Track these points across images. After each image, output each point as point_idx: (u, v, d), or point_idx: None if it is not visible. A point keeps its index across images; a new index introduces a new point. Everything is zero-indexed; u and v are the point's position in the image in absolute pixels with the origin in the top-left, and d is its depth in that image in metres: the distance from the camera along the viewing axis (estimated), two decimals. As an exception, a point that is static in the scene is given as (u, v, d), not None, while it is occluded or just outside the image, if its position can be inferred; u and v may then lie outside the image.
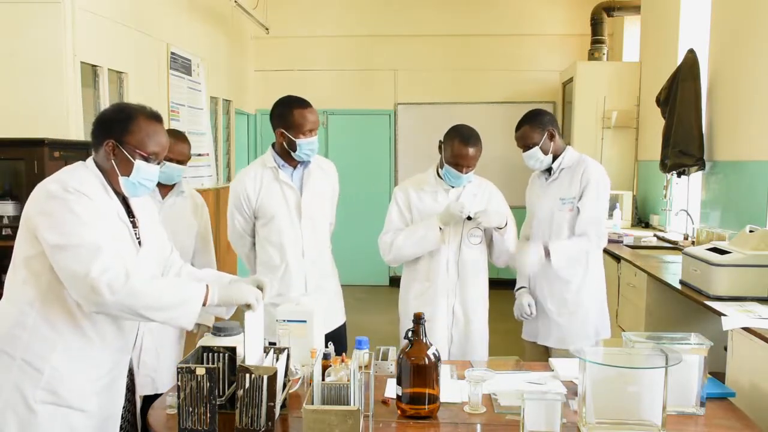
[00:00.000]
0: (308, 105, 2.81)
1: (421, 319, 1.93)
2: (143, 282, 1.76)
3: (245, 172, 2.87)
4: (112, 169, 1.88)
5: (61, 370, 1.81)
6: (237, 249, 3.01)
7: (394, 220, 2.84)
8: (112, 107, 1.95)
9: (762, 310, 2.69)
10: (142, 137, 1.87)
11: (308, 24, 7.67)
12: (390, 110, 7.76)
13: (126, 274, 1.73)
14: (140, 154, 1.87)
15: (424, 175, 2.90)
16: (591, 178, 2.79)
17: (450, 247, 2.78)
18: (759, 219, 3.78)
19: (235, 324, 2.13)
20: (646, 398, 1.74)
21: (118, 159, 1.87)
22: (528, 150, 2.85)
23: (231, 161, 7.17)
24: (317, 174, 2.89)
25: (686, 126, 4.64)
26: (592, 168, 2.82)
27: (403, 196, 2.86)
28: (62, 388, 1.82)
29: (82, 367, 1.85)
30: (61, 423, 1.82)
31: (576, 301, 2.85)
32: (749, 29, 4.09)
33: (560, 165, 2.87)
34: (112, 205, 1.88)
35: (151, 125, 1.90)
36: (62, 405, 1.82)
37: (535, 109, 2.96)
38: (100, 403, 1.90)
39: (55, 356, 1.80)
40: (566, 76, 6.85)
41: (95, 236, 1.74)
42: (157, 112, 1.95)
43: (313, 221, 2.84)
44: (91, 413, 1.88)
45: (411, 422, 1.87)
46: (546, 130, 2.82)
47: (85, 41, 4.05)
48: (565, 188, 2.85)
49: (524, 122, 2.87)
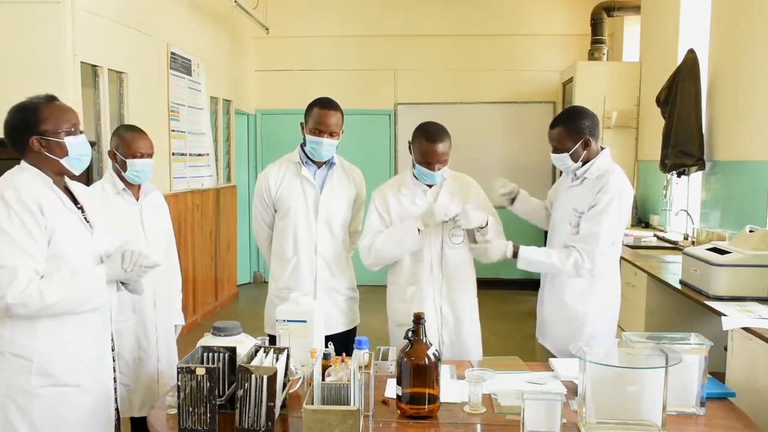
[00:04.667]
0: (328, 107, 2.79)
1: (421, 319, 1.93)
2: (53, 294, 1.88)
3: (272, 164, 2.94)
4: (48, 159, 1.98)
5: (48, 352, 1.94)
6: (258, 240, 3.07)
7: (373, 223, 2.76)
8: (12, 111, 2.01)
9: (762, 310, 2.69)
10: (56, 119, 1.99)
11: (308, 24, 7.67)
12: (390, 110, 7.76)
13: (39, 292, 1.86)
14: (64, 132, 1.99)
15: (401, 176, 2.85)
16: (606, 192, 2.54)
17: (432, 248, 2.71)
18: (759, 219, 3.78)
19: (236, 324, 2.14)
20: (646, 398, 1.74)
21: (49, 148, 1.98)
22: (556, 153, 2.65)
23: (231, 161, 7.18)
24: (340, 176, 2.90)
25: (686, 126, 4.64)
26: (613, 182, 2.57)
27: (381, 199, 2.80)
28: (54, 368, 1.95)
29: (66, 345, 1.97)
30: (61, 401, 1.96)
31: (575, 309, 2.68)
32: (749, 29, 4.09)
33: (585, 173, 2.64)
34: (57, 199, 1.98)
35: (55, 106, 2.02)
36: (59, 384, 1.96)
37: (577, 108, 2.74)
38: (92, 377, 2.04)
39: (38, 341, 1.93)
40: (566, 76, 6.85)
41: (15, 259, 1.85)
42: (51, 94, 2.06)
43: (330, 220, 2.85)
44: (87, 387, 2.02)
45: (411, 422, 1.87)
46: (582, 138, 2.59)
47: (85, 41, 4.05)
48: (583, 198, 2.62)
49: (561, 123, 2.64)
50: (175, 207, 4.88)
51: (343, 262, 2.93)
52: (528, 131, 7.48)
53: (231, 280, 7.17)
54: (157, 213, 2.86)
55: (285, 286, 2.83)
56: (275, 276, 2.93)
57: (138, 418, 2.80)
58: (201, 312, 6.11)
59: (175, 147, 5.55)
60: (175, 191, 5.49)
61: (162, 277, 2.80)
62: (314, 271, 2.85)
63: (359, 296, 3.05)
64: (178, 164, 5.60)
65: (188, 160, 5.83)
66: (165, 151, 5.31)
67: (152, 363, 2.79)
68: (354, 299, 3.01)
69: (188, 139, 5.82)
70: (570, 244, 2.58)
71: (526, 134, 7.48)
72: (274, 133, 7.74)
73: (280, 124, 7.63)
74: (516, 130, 7.52)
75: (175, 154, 5.53)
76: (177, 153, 5.59)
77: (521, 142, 7.49)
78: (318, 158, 2.83)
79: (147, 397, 2.77)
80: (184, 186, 5.73)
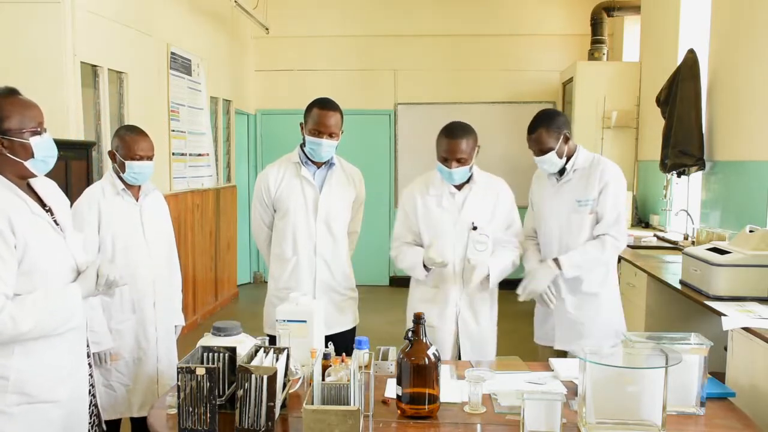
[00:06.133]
0: (327, 107, 2.79)
1: (421, 319, 1.92)
2: (27, 321, 1.75)
3: (272, 164, 2.94)
4: (11, 161, 1.82)
5: (25, 370, 1.83)
6: (257, 241, 3.06)
7: (398, 227, 2.84)
8: None
9: (762, 310, 2.68)
10: (19, 118, 1.82)
11: (308, 24, 7.67)
12: (390, 110, 7.76)
13: (13, 320, 1.73)
14: (30, 131, 1.83)
15: (432, 174, 2.81)
16: (610, 178, 2.70)
17: (456, 255, 2.70)
18: (759, 219, 3.78)
19: (236, 324, 2.14)
20: (646, 398, 1.74)
21: (12, 149, 1.82)
22: (543, 155, 2.72)
23: (231, 161, 7.18)
24: (340, 176, 2.90)
25: (686, 126, 4.64)
26: (610, 168, 2.73)
27: (407, 200, 2.82)
28: (30, 386, 1.84)
29: (42, 362, 1.86)
30: (36, 418, 1.86)
31: (596, 304, 2.76)
32: (749, 29, 4.09)
33: (573, 166, 2.75)
34: (23, 205, 1.83)
35: (18, 102, 1.85)
36: (35, 402, 1.85)
37: (548, 109, 2.84)
38: (68, 389, 1.93)
39: (14, 360, 1.81)
40: (566, 76, 6.85)
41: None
42: (11, 87, 1.89)
43: (329, 220, 2.85)
44: (62, 402, 1.91)
45: (411, 422, 1.87)
46: (561, 133, 2.69)
47: (85, 41, 4.05)
48: (581, 190, 2.73)
49: (539, 125, 2.72)
50: (175, 207, 4.87)
51: (342, 263, 2.93)
52: (528, 131, 7.48)
53: (231, 280, 7.17)
54: (157, 213, 2.85)
55: (284, 287, 2.83)
56: (275, 276, 2.93)
57: (138, 418, 2.80)
58: (201, 312, 6.12)
59: (175, 147, 5.55)
60: (175, 191, 5.49)
61: (162, 277, 2.80)
62: (314, 271, 2.85)
63: (359, 296, 3.05)
64: (178, 164, 5.60)
65: (188, 160, 5.83)
66: (165, 151, 5.31)
67: (152, 363, 2.79)
68: (353, 299, 3.01)
69: (188, 139, 5.82)
70: (599, 233, 2.70)
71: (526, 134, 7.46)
72: (274, 133, 7.74)
73: (280, 124, 7.63)
74: (516, 130, 7.48)
75: (175, 154, 5.53)
76: (177, 153, 5.59)
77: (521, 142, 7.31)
78: (317, 159, 2.83)
79: (146, 397, 2.77)
80: (184, 186, 5.73)
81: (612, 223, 2.69)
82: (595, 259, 2.71)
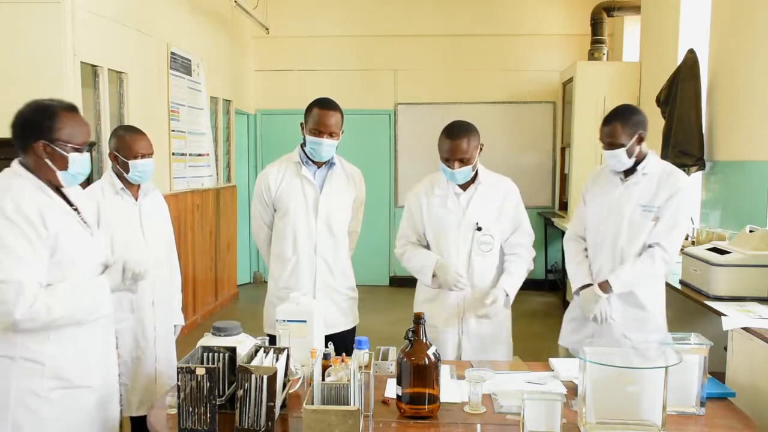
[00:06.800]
0: (327, 107, 2.79)
1: (421, 319, 1.92)
2: (59, 307, 1.85)
3: (272, 164, 2.94)
4: (46, 167, 1.92)
5: (60, 355, 1.92)
6: (257, 240, 3.06)
7: (403, 227, 2.85)
8: (30, 108, 1.95)
9: (762, 310, 2.69)
10: (70, 132, 1.93)
11: (308, 24, 7.67)
12: (390, 110, 7.76)
13: (47, 307, 1.83)
14: (72, 147, 1.93)
15: (438, 174, 2.78)
16: (682, 186, 2.60)
17: (460, 256, 2.69)
18: (759, 219, 3.78)
19: (236, 324, 2.14)
20: (646, 398, 1.74)
21: (52, 157, 1.92)
22: (612, 149, 2.59)
23: (231, 161, 7.18)
24: (340, 176, 2.90)
25: (686, 126, 4.64)
26: (684, 178, 2.63)
27: (412, 200, 2.82)
28: (66, 371, 1.93)
29: (76, 348, 1.95)
30: (71, 404, 1.95)
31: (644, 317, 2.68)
32: (749, 29, 4.09)
33: (644, 169, 2.63)
34: (54, 204, 1.93)
35: (74, 118, 1.96)
36: (70, 387, 1.95)
37: (629, 105, 2.72)
38: (100, 375, 2.04)
39: (49, 345, 1.90)
40: (566, 76, 6.85)
41: (20, 274, 1.80)
42: (73, 104, 2.00)
43: (330, 220, 2.85)
44: (95, 387, 2.01)
45: (411, 422, 1.87)
46: (636, 132, 2.57)
47: (85, 41, 4.05)
48: (649, 195, 2.61)
49: (616, 118, 2.60)
50: (175, 207, 4.87)
51: (342, 262, 2.93)
52: (528, 131, 7.49)
53: (231, 280, 7.17)
54: (157, 213, 2.85)
55: (284, 286, 2.83)
56: (275, 276, 2.93)
57: (137, 417, 2.80)
58: (201, 312, 6.12)
59: (175, 147, 5.55)
60: (175, 191, 5.49)
61: (161, 277, 2.80)
62: (314, 271, 2.85)
63: (359, 296, 3.05)
64: (178, 164, 5.60)
65: (188, 160, 5.83)
66: (165, 151, 5.31)
67: (150, 362, 2.79)
68: (353, 299, 3.01)
69: (188, 139, 5.82)
70: (653, 241, 2.60)
71: (526, 134, 7.48)
72: (274, 133, 7.74)
73: (280, 124, 7.63)
74: (516, 130, 7.51)
75: (175, 154, 5.53)
76: (177, 153, 5.59)
77: (521, 142, 7.49)
78: (318, 158, 2.83)
79: (144, 396, 2.77)
80: (184, 186, 5.73)
81: (666, 232, 2.59)
82: (645, 274, 2.62)
